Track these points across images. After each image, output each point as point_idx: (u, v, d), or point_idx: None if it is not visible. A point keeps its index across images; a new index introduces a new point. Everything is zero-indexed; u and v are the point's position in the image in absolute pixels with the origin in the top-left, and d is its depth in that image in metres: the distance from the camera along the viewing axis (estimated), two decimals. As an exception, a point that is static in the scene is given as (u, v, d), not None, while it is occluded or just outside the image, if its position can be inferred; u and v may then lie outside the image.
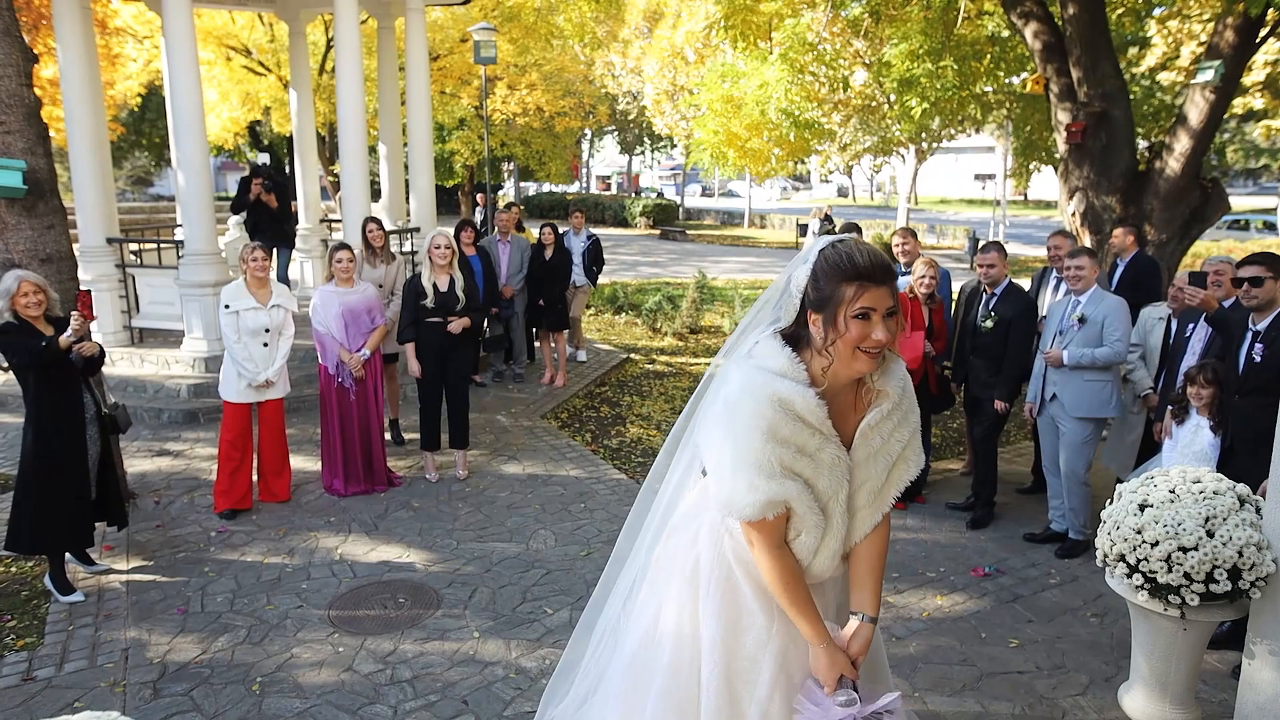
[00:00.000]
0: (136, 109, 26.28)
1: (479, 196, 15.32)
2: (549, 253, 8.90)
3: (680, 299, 12.49)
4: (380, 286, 7.24)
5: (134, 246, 9.58)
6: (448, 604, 4.59)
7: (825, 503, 2.07)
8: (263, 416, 5.89)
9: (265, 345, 5.80)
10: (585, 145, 44.48)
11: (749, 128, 13.74)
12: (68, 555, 4.89)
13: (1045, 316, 5.76)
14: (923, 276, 5.82)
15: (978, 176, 48.62)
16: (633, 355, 10.66)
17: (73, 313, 4.44)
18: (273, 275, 8.79)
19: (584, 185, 49.51)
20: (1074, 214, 9.15)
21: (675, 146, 38.53)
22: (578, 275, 9.50)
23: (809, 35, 12.03)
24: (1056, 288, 6.20)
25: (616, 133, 42.18)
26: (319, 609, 4.54)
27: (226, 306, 5.70)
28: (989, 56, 12.08)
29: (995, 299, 5.69)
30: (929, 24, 10.16)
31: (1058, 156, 9.62)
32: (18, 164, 5.18)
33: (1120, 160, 8.78)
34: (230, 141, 24.59)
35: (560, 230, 9.28)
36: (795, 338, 2.07)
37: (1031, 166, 17.21)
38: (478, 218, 12.24)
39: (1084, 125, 8.74)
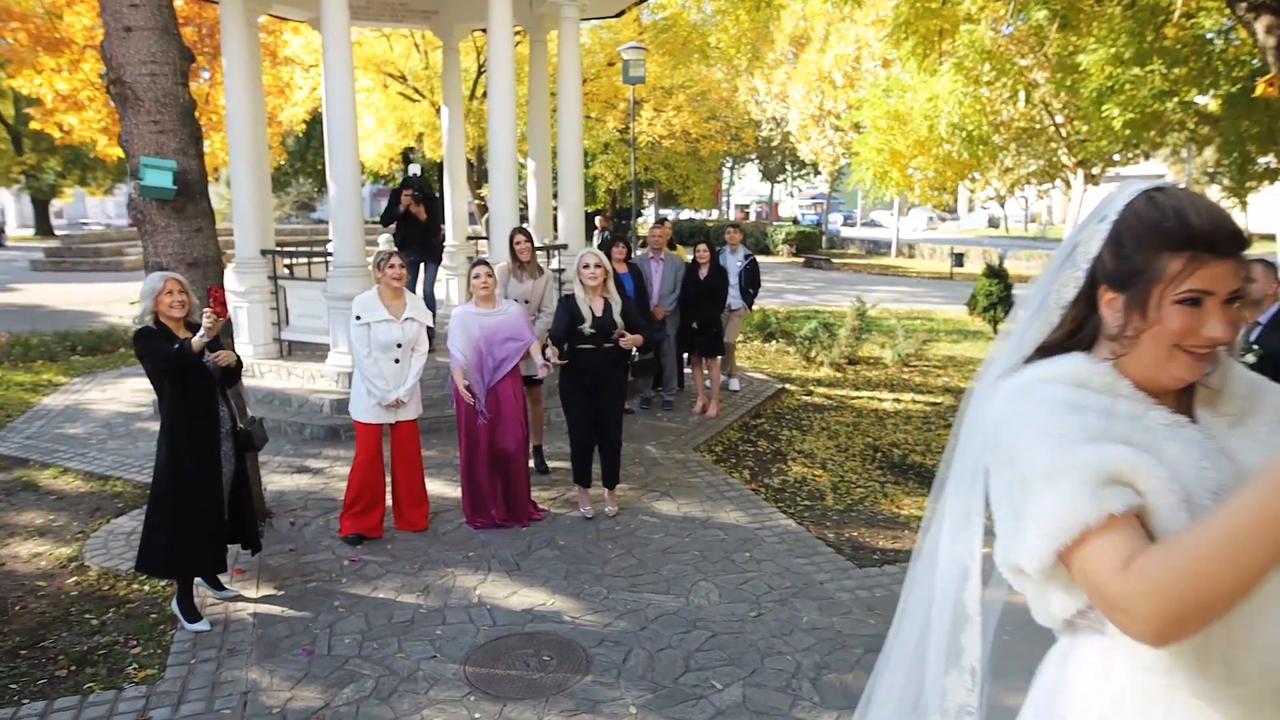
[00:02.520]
0: (301, 136, 27.66)
1: (597, 220, 14.25)
2: (703, 272, 8.25)
3: (837, 327, 11.59)
4: (527, 302, 6.78)
5: (287, 260, 9.59)
6: (599, 667, 3.93)
7: (1190, 491, 1.23)
8: (395, 439, 5.43)
9: (397, 361, 5.32)
10: (726, 173, 44.04)
11: (914, 145, 12.74)
12: (198, 579, 4.56)
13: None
14: None
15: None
16: (788, 385, 9.84)
17: (205, 310, 4.09)
18: (419, 290, 8.59)
19: (724, 213, 48.99)
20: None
21: (819, 174, 37.54)
22: (733, 297, 8.81)
23: (986, 41, 10.99)
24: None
25: (758, 160, 41.55)
26: (454, 662, 3.97)
27: (358, 318, 5.26)
28: (1196, 61, 10.70)
29: (1260, 329, 4.61)
30: (1137, 23, 8.97)
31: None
32: (168, 164, 4.96)
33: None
34: (386, 167, 25.47)
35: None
36: (1068, 345, 1.41)
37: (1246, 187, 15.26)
38: (595, 242, 11.61)
39: (1340, 130, 7.40)
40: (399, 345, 5.30)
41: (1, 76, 26.53)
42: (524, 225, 8.19)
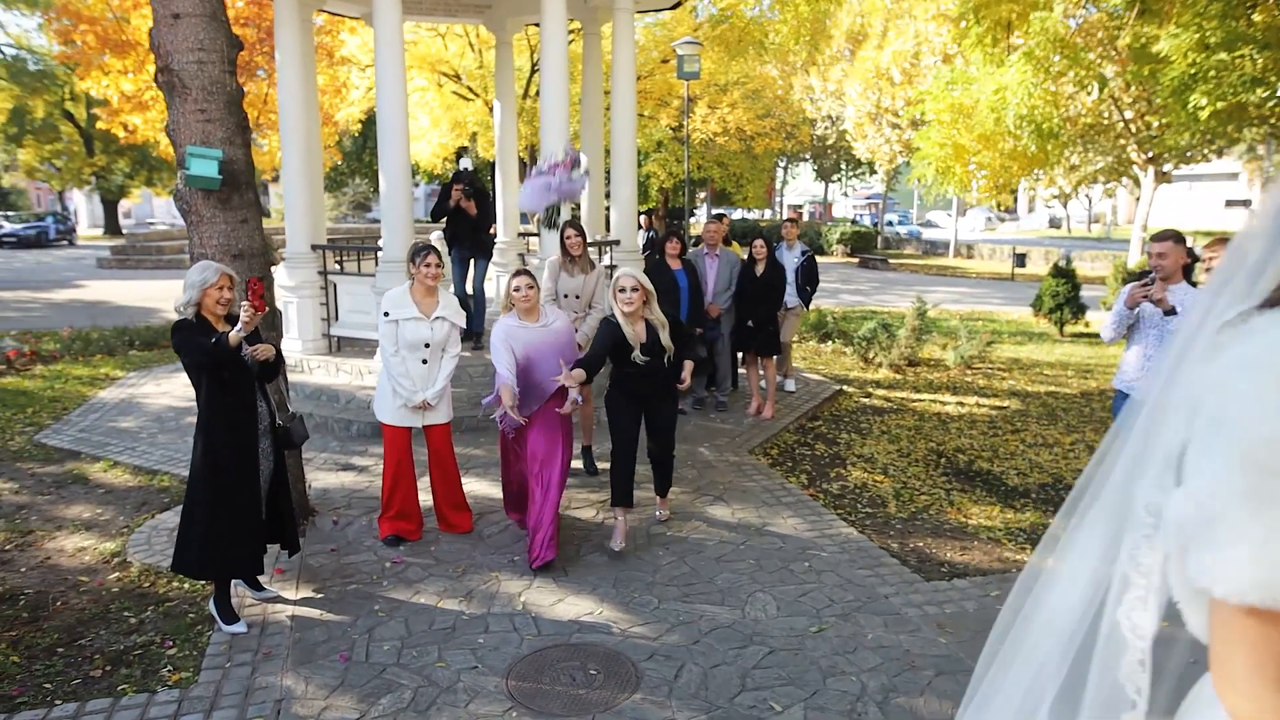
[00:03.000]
0: (357, 136, 27.94)
1: (642, 219, 13.48)
2: (760, 268, 7.95)
3: (896, 328, 11.18)
4: (578, 298, 6.58)
5: (338, 255, 9.53)
6: (648, 684, 3.69)
7: None
8: (429, 443, 5.22)
9: (424, 362, 5.04)
10: (779, 172, 43.49)
11: (980, 139, 12.25)
12: (236, 579, 4.42)
13: None
14: None
15: (1230, 203, 43.26)
16: (845, 387, 9.49)
17: (242, 303, 3.93)
18: (469, 286, 8.43)
19: (776, 213, 48.43)
20: None
21: (875, 173, 36.85)
22: (790, 295, 8.48)
23: (1059, 28, 10.49)
24: None
25: (812, 159, 40.96)
26: (496, 675, 3.76)
27: (386, 314, 5.01)
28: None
29: None
30: (1226, 5, 8.42)
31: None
32: (214, 153, 4.85)
33: None
34: (439, 167, 25.61)
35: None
36: None
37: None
38: (640, 240, 11.04)
39: None
40: (427, 345, 5.04)
41: (74, 79, 27.34)
42: (575, 219, 7.99)
